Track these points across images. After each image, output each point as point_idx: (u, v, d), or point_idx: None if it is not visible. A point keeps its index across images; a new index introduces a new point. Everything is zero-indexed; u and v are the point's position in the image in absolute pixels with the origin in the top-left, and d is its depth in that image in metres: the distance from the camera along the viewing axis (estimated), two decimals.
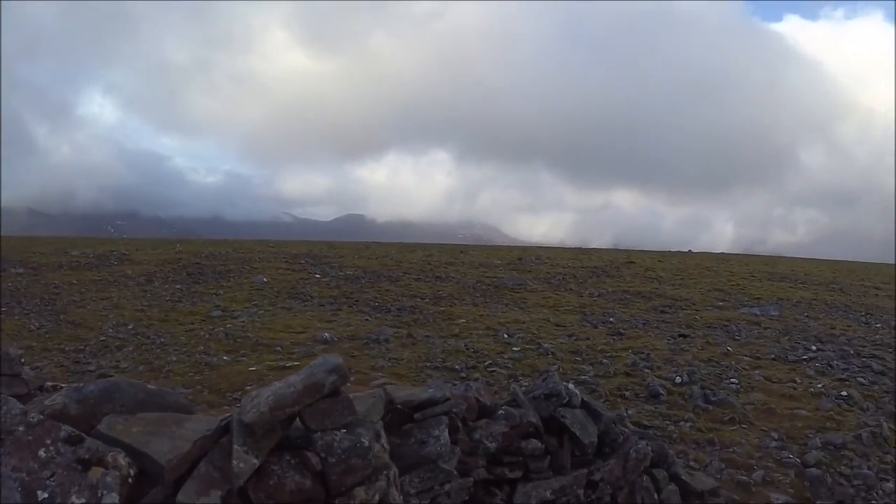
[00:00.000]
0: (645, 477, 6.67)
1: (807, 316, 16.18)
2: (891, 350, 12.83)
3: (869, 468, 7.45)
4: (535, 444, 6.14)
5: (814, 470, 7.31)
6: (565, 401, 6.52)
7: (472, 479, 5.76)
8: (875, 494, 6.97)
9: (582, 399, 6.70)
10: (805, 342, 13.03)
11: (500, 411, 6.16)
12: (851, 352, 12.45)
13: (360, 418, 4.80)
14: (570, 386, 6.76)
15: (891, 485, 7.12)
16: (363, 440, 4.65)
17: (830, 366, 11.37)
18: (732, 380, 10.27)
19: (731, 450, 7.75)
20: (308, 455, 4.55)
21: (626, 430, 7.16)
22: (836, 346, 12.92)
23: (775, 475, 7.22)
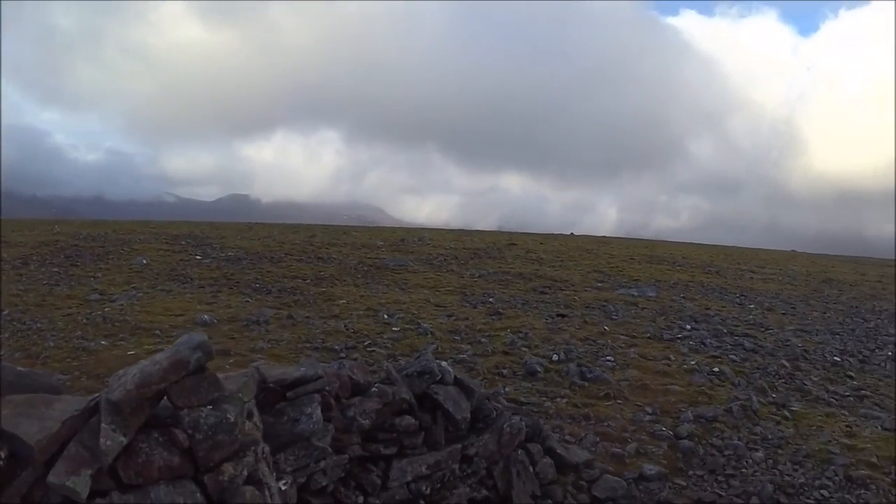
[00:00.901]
0: (520, 451, 7.19)
1: (683, 297, 17.50)
2: (763, 329, 14.25)
3: (739, 439, 8.21)
4: (408, 420, 6.54)
5: (686, 441, 8.00)
6: (438, 378, 6.95)
7: (347, 455, 6.08)
8: (745, 463, 7.70)
9: (455, 376, 7.14)
10: (680, 322, 14.06)
11: (374, 389, 6.50)
12: (725, 331, 13.61)
13: (227, 395, 5.00)
14: (443, 363, 7.19)
15: (760, 454, 7.87)
16: (229, 416, 4.86)
17: (704, 344, 12.40)
18: (608, 357, 11.01)
19: (606, 424, 8.37)
20: (175, 432, 4.72)
21: (500, 405, 7.69)
22: (710, 325, 14.05)
23: (649, 447, 7.85)
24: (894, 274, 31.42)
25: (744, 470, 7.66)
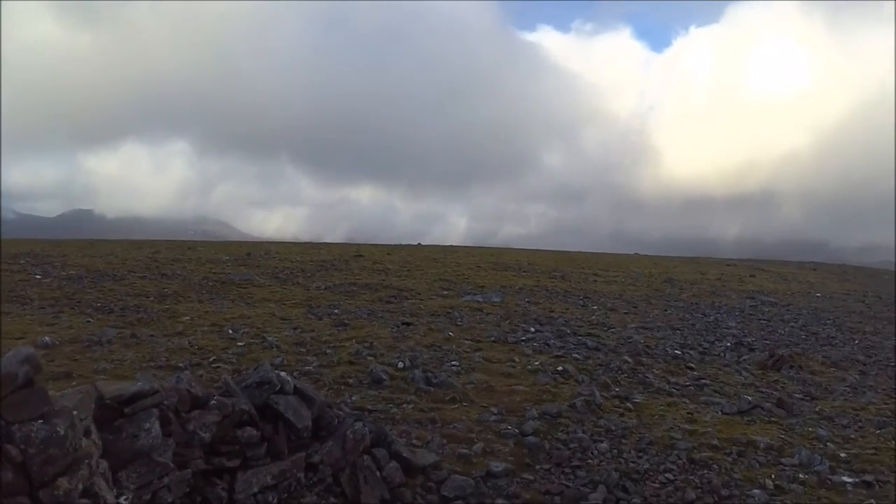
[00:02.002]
0: (366, 456, 7.36)
1: (528, 301, 18.27)
2: (605, 328, 15.13)
3: (584, 432, 8.72)
4: (250, 431, 6.59)
5: (532, 438, 8.40)
6: (278, 388, 7.04)
7: (190, 470, 6.06)
8: (590, 454, 8.17)
9: (294, 385, 7.24)
10: (525, 325, 14.69)
11: (213, 402, 6.50)
12: (568, 331, 14.37)
13: (57, 409, 4.96)
14: (282, 373, 7.28)
15: (604, 445, 8.38)
16: (59, 430, 4.80)
17: (548, 345, 13.07)
18: (454, 362, 11.40)
19: (453, 426, 8.67)
20: (8, 447, 4.66)
21: (342, 412, 7.85)
22: (554, 327, 14.77)
23: (495, 446, 8.19)
24: (733, 272, 33.69)
25: (589, 461, 8.11)
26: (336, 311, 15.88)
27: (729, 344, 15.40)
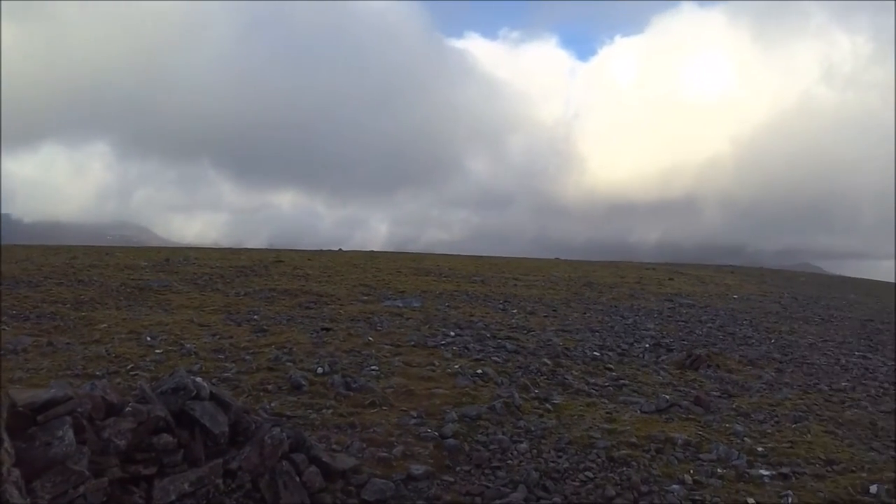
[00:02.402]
0: (284, 462, 7.39)
1: (448, 306, 18.47)
2: (525, 331, 15.42)
3: (503, 433, 8.91)
4: (166, 438, 6.56)
5: (451, 440, 8.54)
6: (193, 393, 7.03)
7: (106, 478, 6.00)
8: (510, 455, 8.35)
9: (210, 391, 7.24)
10: (444, 329, 14.88)
11: (128, 408, 6.47)
12: (488, 335, 14.63)
13: None
14: (198, 379, 7.26)
15: (524, 445, 8.58)
16: None
17: (467, 348, 13.30)
18: (373, 367, 11.49)
19: (372, 430, 8.75)
20: None
21: (259, 418, 7.86)
22: (473, 330, 15.02)
23: (415, 449, 8.30)
24: (652, 275, 34.48)
25: (509, 461, 8.28)
26: (255, 317, 15.83)
27: (647, 345, 15.80)
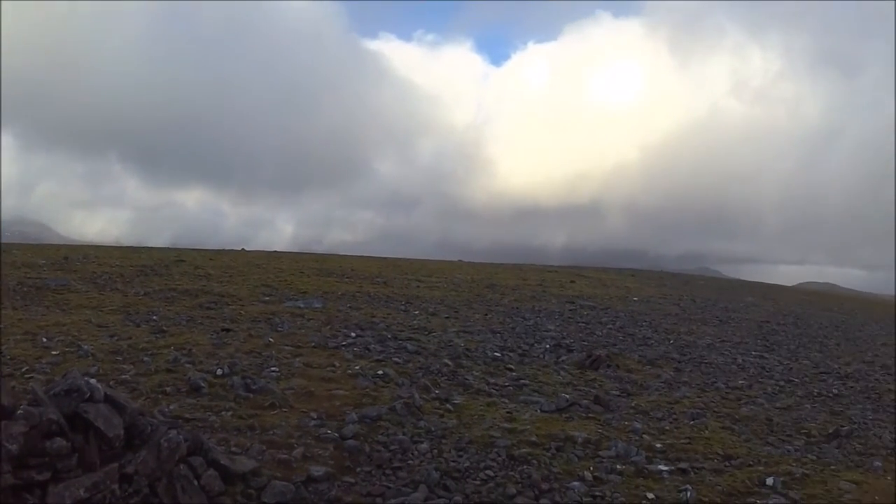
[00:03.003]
0: (182, 466, 7.25)
1: (350, 307, 18.43)
2: (426, 332, 15.52)
3: (404, 434, 8.97)
4: (60, 442, 6.36)
5: (352, 441, 8.54)
6: (87, 396, 6.83)
7: None
8: (411, 455, 8.43)
9: (105, 393, 7.07)
10: (346, 330, 14.86)
11: (20, 411, 6.29)
12: (389, 336, 14.68)
13: None
14: (92, 381, 7.07)
15: (425, 445, 8.66)
16: None
17: (368, 349, 13.30)
18: (273, 368, 11.38)
19: (272, 432, 8.67)
20: None
21: (155, 420, 7.71)
22: (375, 331, 15.04)
23: (315, 450, 8.27)
24: (554, 278, 35.02)
25: (410, 461, 8.34)
26: (154, 317, 15.47)
27: (548, 346, 16.08)
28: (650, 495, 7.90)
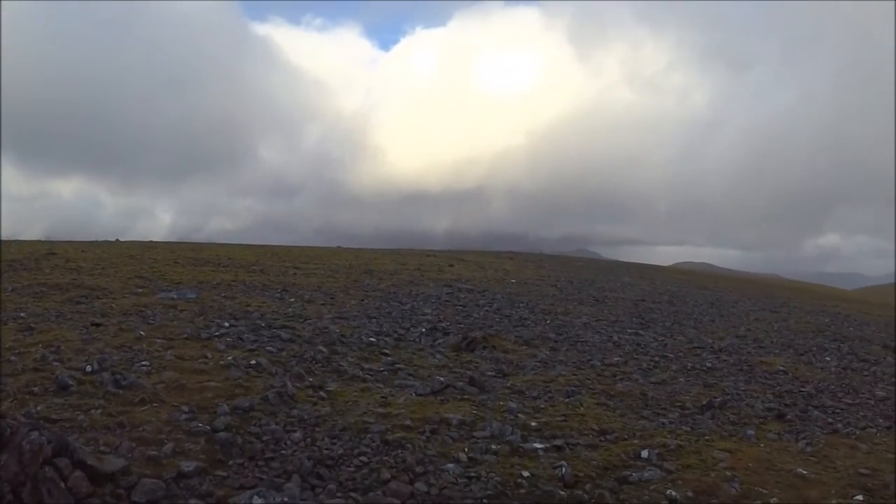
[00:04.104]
0: (47, 468, 7.00)
1: (224, 296, 18.08)
2: (301, 320, 15.43)
3: (276, 424, 8.88)
4: None
5: (223, 434, 8.40)
6: None
7: None
8: (284, 445, 8.34)
9: None
10: (219, 320, 14.60)
11: None
12: (263, 325, 14.51)
13: None
14: None
15: (298, 434, 8.59)
16: None
17: (241, 339, 13.10)
18: (144, 362, 11.07)
19: (142, 429, 8.44)
20: None
21: (16, 422, 7.41)
22: (249, 321, 14.84)
23: (186, 445, 8.09)
24: (433, 262, 35.26)
25: (283, 451, 8.27)
26: (22, 314, 14.78)
27: (424, 329, 16.17)
28: (526, 473, 8.06)
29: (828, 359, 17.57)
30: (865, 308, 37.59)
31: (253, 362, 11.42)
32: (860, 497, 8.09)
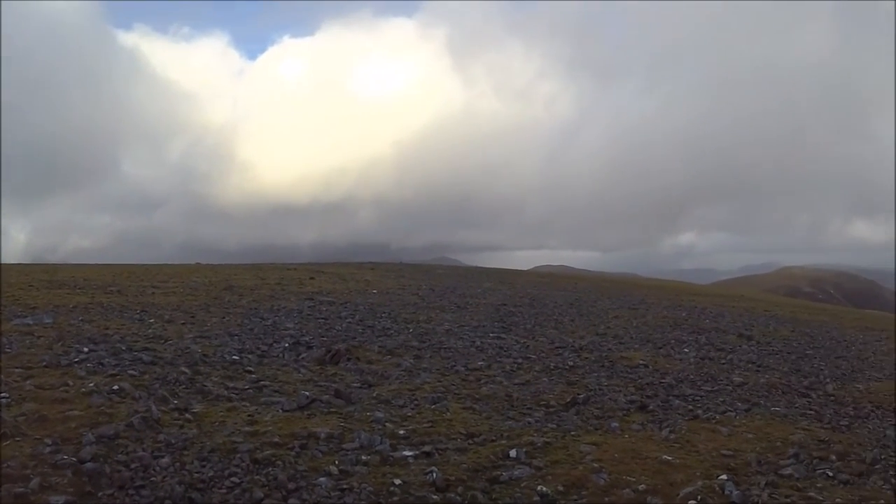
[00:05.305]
0: None
1: (82, 320, 17.26)
2: (162, 341, 14.99)
3: (144, 450, 8.59)
4: None
5: (90, 464, 8.06)
6: None
7: None
8: (152, 471, 8.09)
9: None
10: (78, 345, 13.92)
11: None
12: (124, 348, 13.95)
13: None
14: None
15: (166, 460, 8.37)
16: None
17: (102, 364, 12.55)
18: (3, 394, 10.44)
19: (6, 465, 7.98)
20: None
21: None
22: (109, 344, 14.22)
23: (53, 479, 7.71)
24: (294, 276, 34.84)
25: (153, 478, 8.05)
26: None
27: (287, 344, 16.00)
28: (398, 481, 8.15)
29: (686, 350, 18.51)
30: (720, 301, 39.47)
31: (115, 387, 10.98)
32: (724, 476, 8.63)
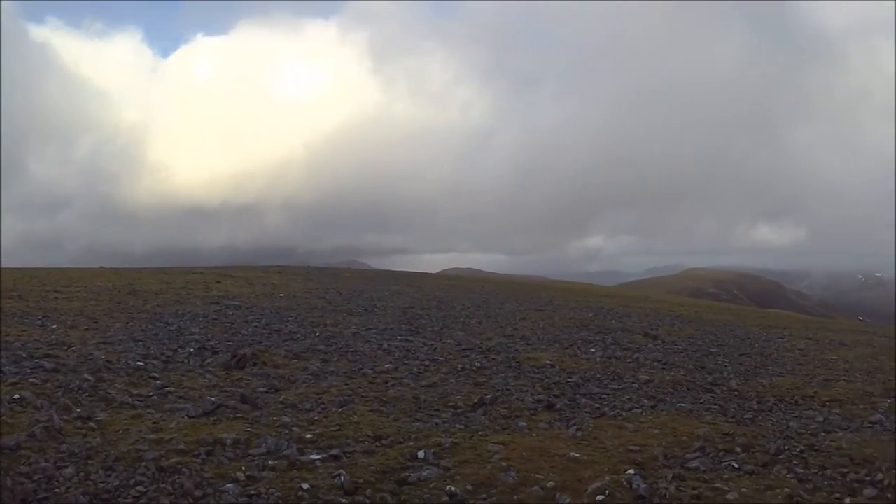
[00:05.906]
0: None
1: None
2: (65, 347, 14.46)
3: (46, 461, 8.27)
4: None
5: None
6: None
7: None
8: (56, 483, 7.78)
9: None
10: None
11: None
12: (25, 355, 13.44)
13: None
14: None
15: (70, 470, 8.04)
16: None
17: (2, 372, 12.07)
18: None
19: None
20: None
21: None
22: (10, 351, 13.67)
23: None
24: (199, 280, 34.16)
25: (56, 490, 7.77)
26: None
27: (192, 349, 15.69)
28: (305, 485, 8.04)
29: (593, 350, 18.83)
30: (625, 301, 40.28)
31: (16, 396, 10.54)
32: (631, 471, 8.79)
